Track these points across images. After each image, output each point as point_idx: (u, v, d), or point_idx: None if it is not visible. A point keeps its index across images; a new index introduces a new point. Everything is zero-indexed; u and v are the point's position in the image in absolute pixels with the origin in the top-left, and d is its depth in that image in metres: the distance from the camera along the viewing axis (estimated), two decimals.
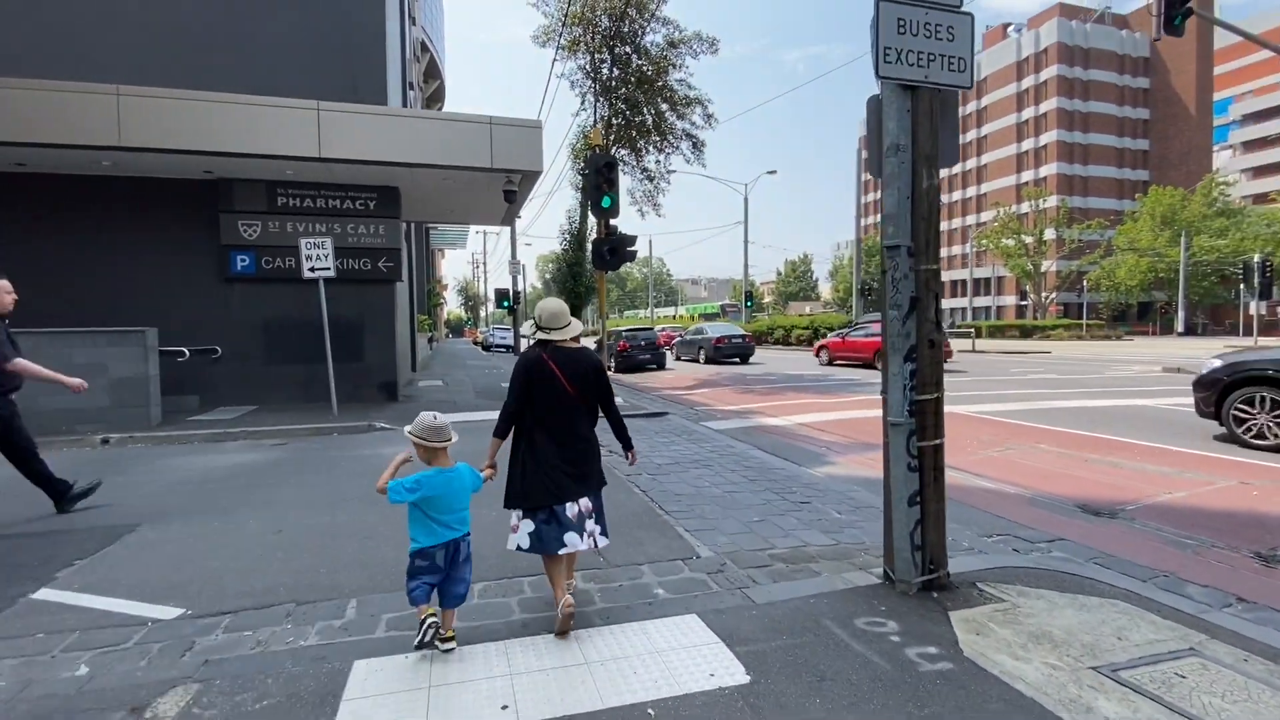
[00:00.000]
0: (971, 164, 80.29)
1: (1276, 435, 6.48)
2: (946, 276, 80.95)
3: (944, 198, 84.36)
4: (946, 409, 3.43)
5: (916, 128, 3.12)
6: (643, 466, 6.22)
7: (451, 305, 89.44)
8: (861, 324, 20.76)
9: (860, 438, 7.94)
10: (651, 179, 17.28)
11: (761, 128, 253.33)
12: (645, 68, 15.49)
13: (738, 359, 21.72)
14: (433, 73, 26.43)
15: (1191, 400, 7.44)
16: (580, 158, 15.72)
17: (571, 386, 2.97)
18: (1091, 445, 7.07)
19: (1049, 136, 71.06)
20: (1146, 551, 3.99)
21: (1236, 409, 6.79)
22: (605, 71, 15.55)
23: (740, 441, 7.81)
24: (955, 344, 32.78)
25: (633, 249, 10.63)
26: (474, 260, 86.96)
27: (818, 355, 21.01)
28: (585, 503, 3.01)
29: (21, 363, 4.54)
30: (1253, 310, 30.75)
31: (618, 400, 10.42)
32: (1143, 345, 37.58)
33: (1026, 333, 46.22)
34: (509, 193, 10.48)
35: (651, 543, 4.05)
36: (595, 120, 15.69)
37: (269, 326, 9.98)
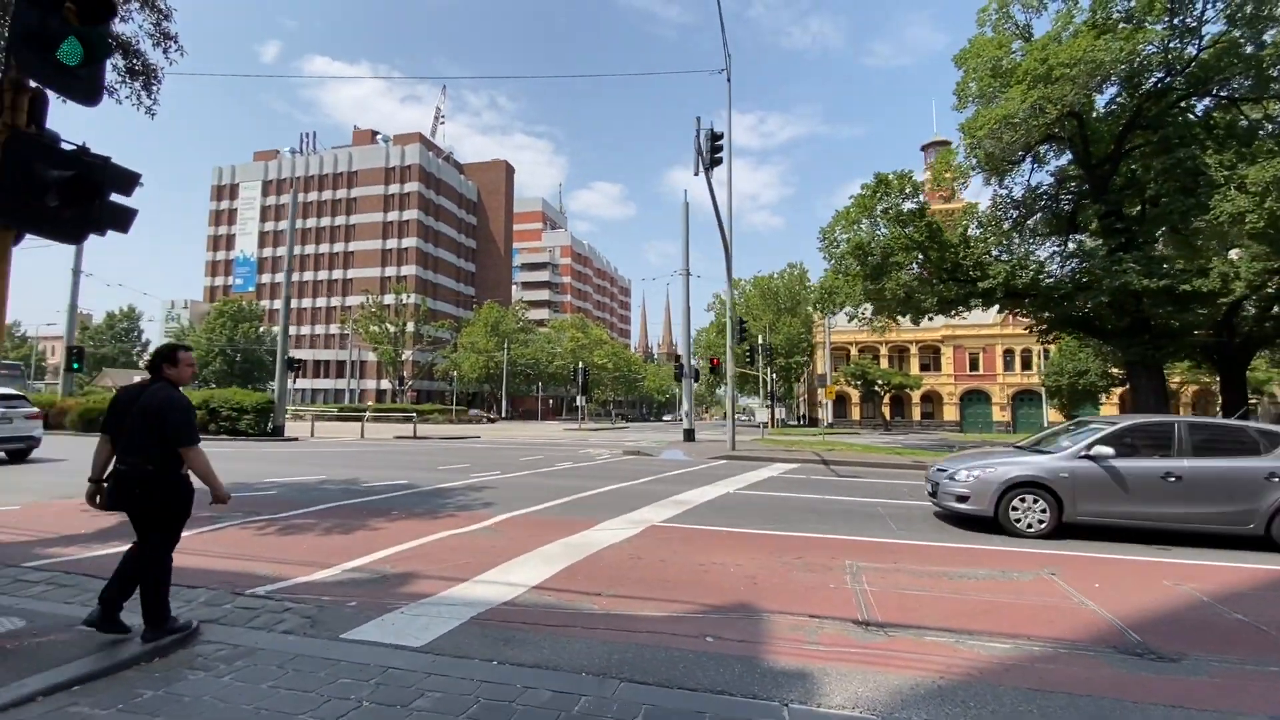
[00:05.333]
0: (340, 247, 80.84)
1: None
2: (314, 355, 76.51)
3: (311, 274, 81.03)
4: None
5: None
6: None
7: None
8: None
9: (687, 595, 4.96)
10: None
11: None
12: None
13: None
14: None
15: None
16: None
17: None
18: (872, 552, 6.57)
19: (410, 241, 79.49)
20: None
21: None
22: None
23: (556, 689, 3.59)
24: (343, 427, 30.11)
25: (128, 205, 4.15)
26: None
27: None
28: None
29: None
30: (580, 402, 41.30)
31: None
32: (513, 427, 44.65)
33: (408, 416, 47.81)
34: None
35: None
36: None
37: None
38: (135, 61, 8.73)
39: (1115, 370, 36.32)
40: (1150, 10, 19.24)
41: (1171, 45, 19.51)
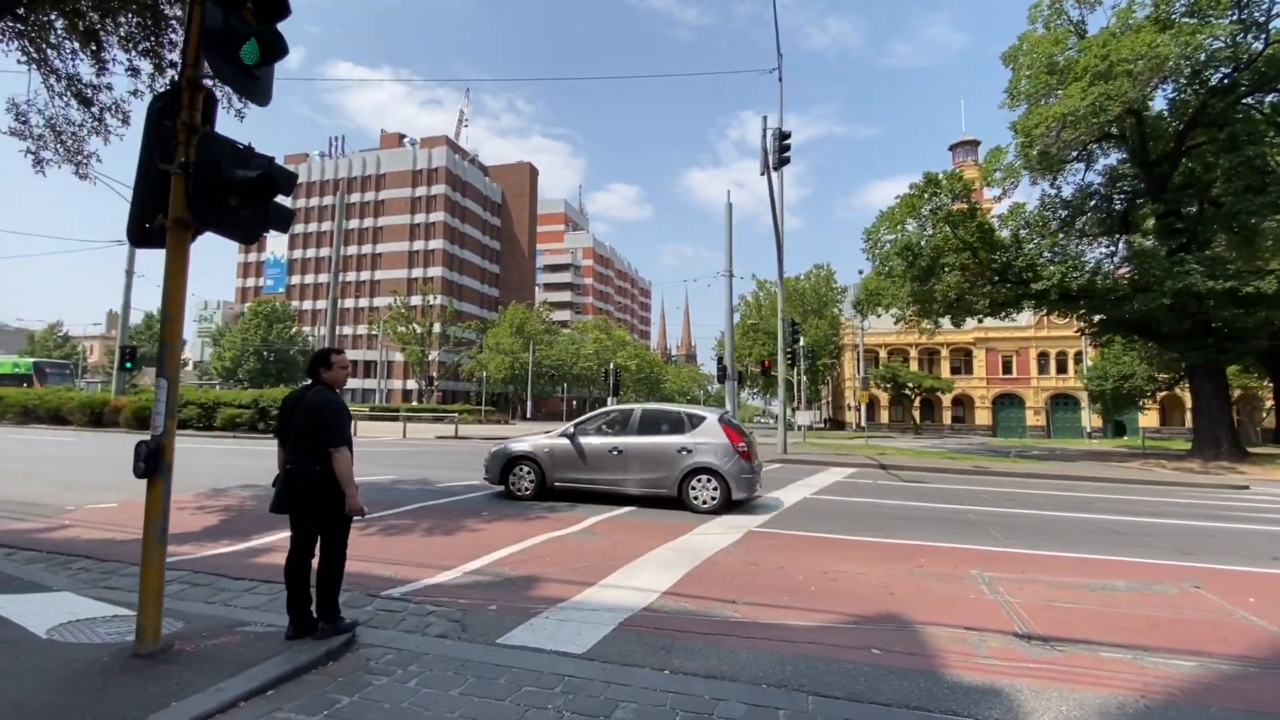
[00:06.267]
0: (368, 249, 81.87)
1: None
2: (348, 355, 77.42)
3: (340, 275, 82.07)
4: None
5: None
6: None
7: None
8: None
9: (825, 604, 4.82)
10: (88, 102, 8.53)
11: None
12: None
13: None
14: None
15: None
16: None
17: None
18: (994, 561, 6.38)
19: (437, 243, 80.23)
20: None
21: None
22: None
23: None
24: (381, 426, 30.31)
25: (287, 205, 4.16)
26: None
27: None
28: None
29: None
30: (610, 404, 41.29)
31: None
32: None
33: (438, 416, 48.27)
34: None
35: None
36: None
37: None
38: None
39: (1161, 375, 35.30)
40: (1216, 5, 18.68)
41: (1238, 40, 18.92)
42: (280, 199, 4.10)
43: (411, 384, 73.76)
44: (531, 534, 7.02)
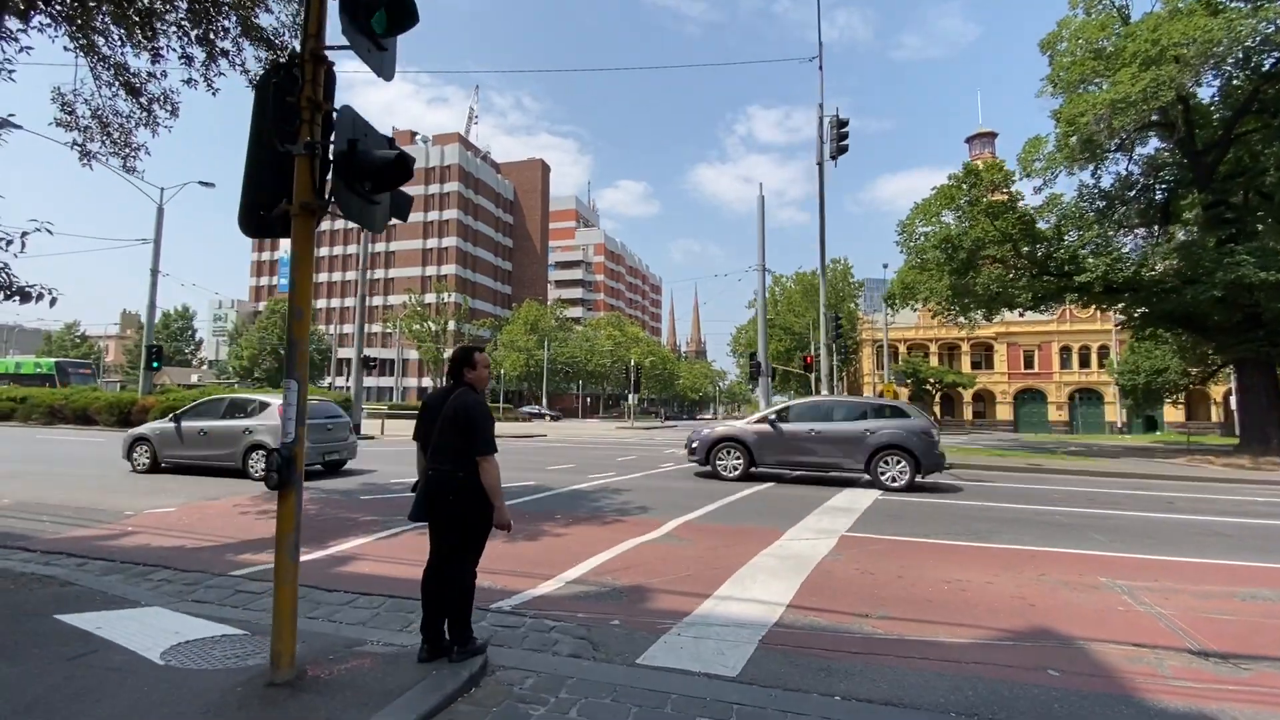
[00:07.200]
0: (382, 247, 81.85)
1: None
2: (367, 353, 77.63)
3: (354, 274, 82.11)
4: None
5: None
6: None
7: None
8: None
9: (966, 617, 4.46)
10: (136, 92, 8.26)
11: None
12: None
13: None
14: None
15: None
16: None
17: None
18: (1117, 568, 6.01)
19: (450, 241, 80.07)
20: None
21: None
22: None
23: None
24: (407, 425, 30.20)
25: (407, 194, 3.82)
26: None
27: None
28: None
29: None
30: (630, 400, 41.02)
31: None
32: (563, 425, 44.34)
33: None
34: None
35: None
36: None
37: None
38: (280, 55, 8.53)
39: (1194, 369, 34.55)
40: None
41: None
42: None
43: (427, 381, 73.74)
44: (617, 539, 6.70)
